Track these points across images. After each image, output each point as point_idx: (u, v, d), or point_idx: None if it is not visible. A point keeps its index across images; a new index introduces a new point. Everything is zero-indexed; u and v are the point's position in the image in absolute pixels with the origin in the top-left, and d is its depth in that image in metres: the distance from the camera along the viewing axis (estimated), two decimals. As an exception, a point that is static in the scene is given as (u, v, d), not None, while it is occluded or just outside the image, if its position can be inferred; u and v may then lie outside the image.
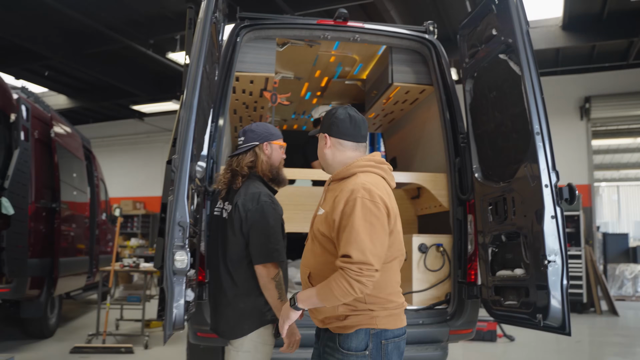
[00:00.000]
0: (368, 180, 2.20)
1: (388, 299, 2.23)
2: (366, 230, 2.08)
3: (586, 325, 9.18)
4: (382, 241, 2.13)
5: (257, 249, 2.74)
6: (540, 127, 3.19)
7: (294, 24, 4.13)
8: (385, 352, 2.19)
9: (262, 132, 2.97)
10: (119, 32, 9.78)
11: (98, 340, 6.59)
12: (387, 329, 2.20)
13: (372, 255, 2.05)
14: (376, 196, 2.13)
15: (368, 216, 2.09)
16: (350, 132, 2.34)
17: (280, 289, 2.73)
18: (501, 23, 3.53)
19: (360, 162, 2.29)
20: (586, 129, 11.94)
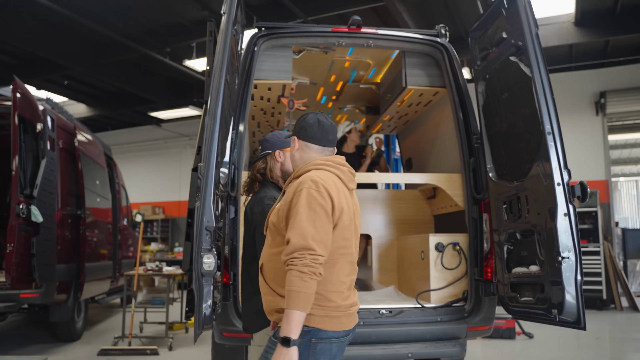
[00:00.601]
0: (318, 174, 2.28)
1: (326, 297, 2.21)
2: (309, 217, 2.15)
3: (606, 321, 9.17)
4: (326, 229, 2.17)
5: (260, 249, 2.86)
6: (551, 126, 3.29)
7: (309, 32, 4.25)
8: (313, 351, 2.18)
9: (275, 141, 3.21)
10: (136, 41, 10.00)
11: (124, 342, 6.77)
12: (320, 329, 2.19)
13: (313, 240, 2.11)
14: (321, 187, 2.21)
15: (312, 204, 2.17)
16: (317, 136, 2.44)
17: None
18: (511, 26, 3.63)
19: (317, 161, 2.39)
20: (602, 124, 11.89)
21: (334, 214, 2.22)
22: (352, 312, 2.30)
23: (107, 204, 8.68)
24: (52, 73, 11.76)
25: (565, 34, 10.03)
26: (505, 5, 3.67)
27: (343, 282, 2.28)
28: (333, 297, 2.23)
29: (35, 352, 6.49)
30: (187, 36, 9.96)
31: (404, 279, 4.88)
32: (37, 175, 5.93)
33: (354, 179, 2.44)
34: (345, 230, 2.28)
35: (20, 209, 5.51)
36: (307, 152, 2.45)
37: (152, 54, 10.39)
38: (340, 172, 2.37)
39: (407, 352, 3.70)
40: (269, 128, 5.82)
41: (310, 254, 2.10)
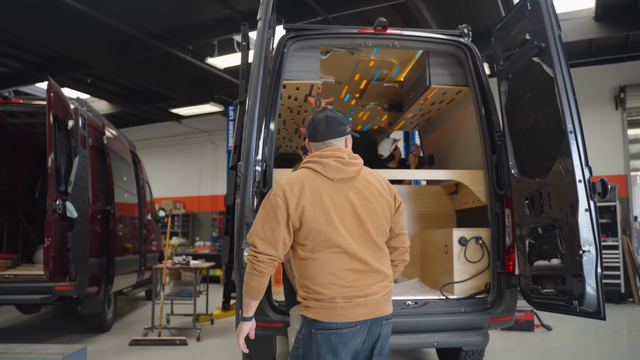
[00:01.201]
0: (288, 176, 2.40)
1: (317, 290, 2.28)
2: (261, 217, 2.33)
3: (624, 315, 9.23)
4: (273, 228, 2.27)
5: None
6: (573, 125, 3.42)
7: (336, 33, 4.40)
8: (315, 341, 2.27)
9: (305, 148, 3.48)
10: (159, 39, 10.22)
11: (153, 333, 7.01)
12: (317, 320, 2.27)
13: (258, 238, 2.29)
14: (279, 189, 2.32)
15: (266, 207, 2.33)
16: (310, 134, 2.54)
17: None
18: (534, 27, 3.75)
19: (306, 158, 2.48)
20: (622, 119, 11.87)
21: (290, 213, 2.28)
22: (356, 303, 2.27)
23: (133, 199, 8.93)
24: (76, 71, 12.04)
25: (585, 29, 10.05)
26: (529, 7, 3.79)
27: (333, 274, 2.28)
28: (324, 290, 2.26)
29: (69, 342, 6.76)
30: (209, 34, 10.16)
31: (428, 272, 5.03)
32: (71, 172, 6.17)
33: (343, 167, 2.36)
34: (318, 224, 2.28)
35: (57, 205, 5.75)
36: (312, 151, 2.54)
37: (174, 52, 10.61)
38: (320, 166, 2.36)
39: (433, 341, 3.86)
40: (294, 125, 5.99)
41: (253, 250, 2.29)
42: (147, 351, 6.34)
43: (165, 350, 6.40)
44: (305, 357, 2.28)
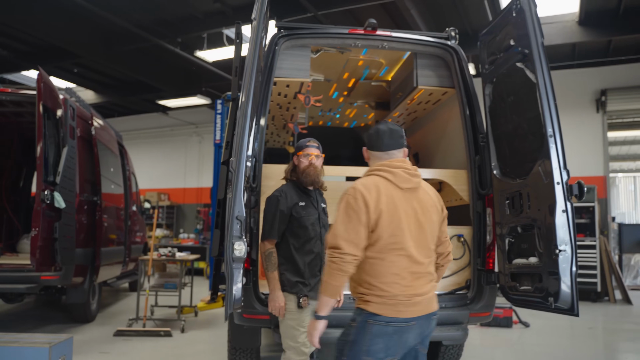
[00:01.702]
0: (362, 181, 2.58)
1: (381, 288, 2.47)
2: (343, 220, 2.48)
3: (600, 313, 9.49)
4: (357, 230, 2.45)
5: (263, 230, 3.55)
6: (553, 129, 3.56)
7: (327, 33, 4.49)
8: (369, 330, 2.46)
9: (296, 147, 3.75)
10: (148, 31, 10.21)
11: (138, 324, 7.07)
12: (376, 314, 2.46)
13: (342, 240, 2.43)
14: (358, 193, 2.49)
15: (347, 209, 2.49)
16: (374, 144, 2.71)
17: (267, 262, 3.47)
18: (518, 34, 3.88)
19: (373, 167, 2.67)
20: (602, 121, 12.14)
21: (371, 216, 2.46)
22: (415, 301, 2.49)
23: (119, 190, 8.95)
24: (64, 61, 11.98)
25: (569, 33, 10.26)
26: (514, 14, 3.92)
27: (398, 274, 2.48)
28: (388, 288, 2.47)
29: (54, 332, 6.79)
30: (199, 27, 10.17)
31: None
32: (59, 162, 6.19)
33: (410, 178, 2.60)
34: (391, 227, 2.49)
35: (45, 195, 5.78)
36: (372, 160, 2.72)
37: (163, 44, 10.60)
38: (392, 175, 2.57)
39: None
40: (282, 121, 6.07)
41: (338, 252, 2.43)
42: (132, 342, 6.41)
43: (150, 341, 6.47)
44: (355, 344, 2.49)
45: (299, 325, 3.44)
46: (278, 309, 3.40)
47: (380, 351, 2.47)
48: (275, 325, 3.70)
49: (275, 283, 3.43)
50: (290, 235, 3.53)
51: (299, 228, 3.53)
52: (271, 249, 3.45)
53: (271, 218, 3.47)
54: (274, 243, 3.49)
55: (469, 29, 10.07)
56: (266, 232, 3.48)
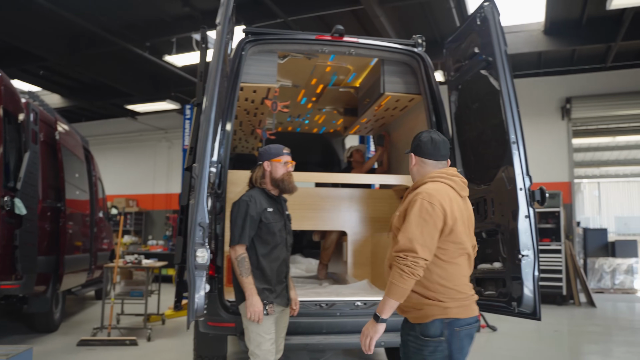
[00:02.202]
0: (433, 187, 2.58)
1: (457, 290, 2.54)
2: (418, 225, 2.45)
3: (565, 316, 9.66)
4: (432, 235, 2.46)
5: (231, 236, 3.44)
6: (516, 136, 3.62)
7: (294, 39, 4.49)
8: (459, 337, 2.50)
9: (263, 152, 3.63)
10: (116, 35, 10.05)
11: (103, 333, 6.91)
12: (458, 318, 2.50)
13: (418, 244, 2.42)
14: (434, 199, 2.50)
15: (423, 213, 2.47)
16: (431, 152, 2.71)
17: (242, 266, 3.35)
18: (483, 42, 3.94)
19: (432, 174, 2.67)
20: (567, 129, 12.41)
21: (447, 222, 2.51)
22: (475, 299, 2.64)
23: (85, 196, 8.76)
24: (29, 63, 11.70)
25: (534, 42, 10.48)
26: (478, 22, 3.98)
27: (465, 275, 2.62)
28: (462, 289, 2.56)
29: (13, 342, 6.59)
30: (167, 31, 10.05)
31: (377, 273, 5.16)
32: (21, 168, 6.02)
33: (465, 187, 2.74)
34: (461, 233, 2.57)
35: (5, 201, 5.61)
36: (423, 167, 2.73)
37: (131, 48, 10.45)
38: (453, 183, 2.65)
39: (380, 340, 3.96)
40: (250, 127, 6.04)
41: (413, 256, 2.41)
42: (96, 351, 6.25)
43: (115, 350, 6.32)
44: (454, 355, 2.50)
45: (265, 332, 3.40)
46: (257, 314, 3.32)
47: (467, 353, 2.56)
48: (240, 333, 3.65)
49: (252, 288, 3.34)
50: (258, 242, 3.47)
51: (267, 234, 3.49)
52: (243, 254, 3.37)
53: (241, 223, 3.40)
54: (244, 248, 3.41)
55: (437, 36, 10.20)
56: (237, 237, 3.39)
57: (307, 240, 7.32)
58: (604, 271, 13.79)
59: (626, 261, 13.67)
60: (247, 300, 3.32)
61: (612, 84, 12.07)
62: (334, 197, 5.45)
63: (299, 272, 6.74)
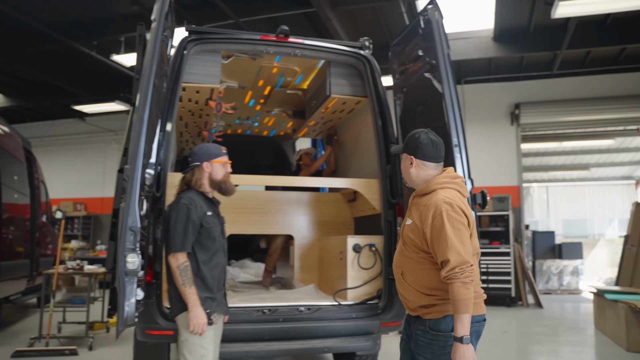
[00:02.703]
0: (446, 195, 2.61)
1: (475, 290, 2.58)
2: (456, 236, 2.50)
3: (513, 317, 9.85)
4: (469, 241, 2.56)
5: (167, 242, 3.20)
6: (458, 139, 3.62)
7: (238, 39, 4.39)
8: (473, 336, 2.56)
9: (202, 153, 3.39)
10: (61, 32, 9.67)
11: (41, 343, 6.58)
12: (474, 315, 2.55)
13: (466, 254, 2.49)
14: (456, 207, 2.56)
15: (455, 224, 2.52)
16: (433, 155, 2.74)
17: (185, 276, 3.11)
18: (426, 45, 3.94)
19: (438, 180, 2.70)
20: (516, 134, 12.69)
21: (470, 225, 2.61)
22: (484, 298, 2.74)
23: (25, 199, 8.39)
24: (-33, 60, 11.16)
25: (484, 48, 10.67)
26: (422, 25, 3.98)
27: (479, 274, 2.70)
28: (477, 289, 2.63)
29: (-58, 354, 6.23)
30: (115, 30, 9.75)
31: (324, 278, 5.11)
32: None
33: (466, 188, 2.82)
34: (472, 235, 2.65)
35: None
36: (424, 170, 2.75)
37: (77, 46, 10.08)
38: (458, 186, 2.72)
39: (324, 346, 3.93)
40: (196, 129, 5.89)
41: (468, 266, 2.47)
42: (32, 362, 5.97)
43: (52, 361, 6.05)
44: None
45: (207, 344, 3.19)
46: (201, 327, 3.09)
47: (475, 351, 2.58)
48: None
49: (195, 299, 3.10)
50: (198, 248, 3.24)
51: (208, 240, 3.28)
52: (186, 262, 3.13)
53: (183, 228, 3.17)
54: (186, 255, 3.17)
55: (390, 40, 10.22)
56: (179, 244, 3.13)
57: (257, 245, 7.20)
58: (551, 273, 14.18)
59: (572, 263, 14.10)
60: (191, 311, 3.08)
61: (559, 90, 12.43)
62: (281, 200, 5.37)
63: (248, 277, 6.62)
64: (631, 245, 9.58)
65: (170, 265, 3.13)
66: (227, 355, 3.72)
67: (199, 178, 3.37)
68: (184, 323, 3.15)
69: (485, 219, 11.45)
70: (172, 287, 3.20)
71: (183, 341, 3.17)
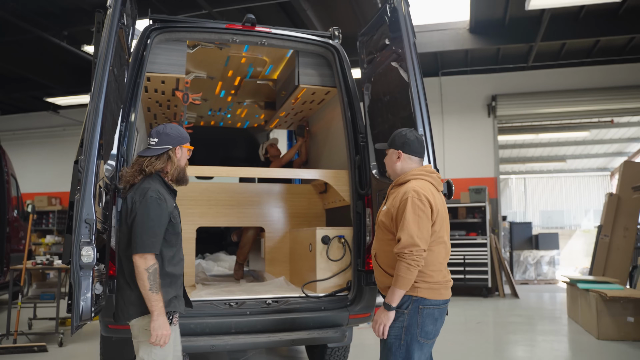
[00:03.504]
0: (418, 184, 2.89)
1: (429, 274, 2.85)
2: (414, 221, 2.76)
3: (490, 308, 9.92)
4: (427, 228, 2.80)
5: (135, 240, 2.84)
6: (424, 129, 3.58)
7: (203, 27, 4.29)
8: (420, 315, 2.84)
9: (176, 135, 3.06)
10: (29, 22, 9.42)
11: (9, 340, 6.45)
12: (425, 298, 2.84)
13: (418, 238, 2.74)
14: (422, 196, 2.81)
15: (416, 210, 2.78)
16: (419, 150, 3.07)
17: (153, 280, 2.81)
18: (392, 34, 3.90)
19: (414, 172, 2.99)
20: (493, 126, 12.73)
21: (433, 214, 2.84)
22: (448, 285, 2.96)
23: (-7, 194, 8.20)
24: None
25: (461, 40, 10.66)
26: (389, 14, 3.93)
27: (441, 262, 2.91)
28: (434, 275, 2.87)
29: None
30: (86, 20, 9.50)
31: (295, 270, 5.07)
32: None
33: (441, 183, 3.09)
34: (440, 225, 2.89)
35: None
36: (408, 164, 3.05)
37: (47, 37, 9.84)
38: (432, 179, 2.98)
39: (291, 339, 3.88)
40: (165, 120, 5.78)
41: (417, 249, 2.73)
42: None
43: (21, 358, 5.92)
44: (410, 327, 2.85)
45: (169, 346, 2.96)
46: (164, 339, 2.82)
47: (430, 332, 2.88)
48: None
49: (161, 307, 2.82)
50: (163, 245, 2.94)
51: (172, 235, 3.01)
52: (155, 264, 2.82)
53: (153, 226, 2.85)
54: (154, 257, 2.84)
55: (366, 32, 10.20)
56: (149, 245, 2.81)
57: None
58: (528, 263, 14.33)
59: (548, 253, 14.26)
60: (155, 321, 2.80)
61: (535, 82, 12.50)
62: (252, 192, 5.31)
63: (222, 270, 6.55)
64: (604, 235, 9.71)
65: (137, 267, 2.80)
66: (194, 349, 3.66)
67: (170, 164, 3.04)
68: (142, 327, 2.92)
69: (462, 210, 11.50)
70: (131, 288, 2.94)
71: (141, 342, 2.94)
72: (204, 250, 7.22)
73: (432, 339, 2.94)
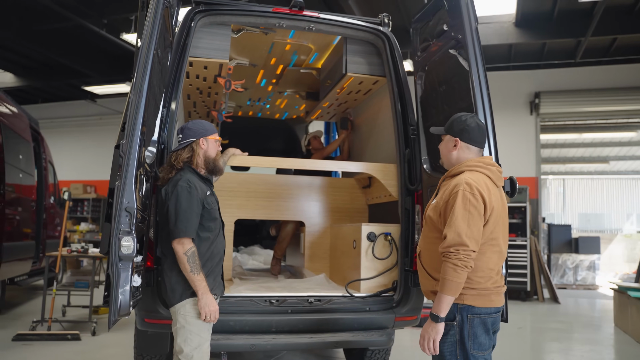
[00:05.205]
0: (471, 177, 2.56)
1: (476, 280, 2.54)
2: (463, 217, 2.45)
3: (529, 312, 9.57)
4: (478, 227, 2.48)
5: (171, 228, 2.98)
6: (485, 120, 3.31)
7: (249, 11, 4.09)
8: (471, 325, 2.54)
9: (197, 129, 3.22)
10: (71, 10, 9.45)
11: (43, 327, 6.42)
12: (473, 306, 2.54)
13: (466, 237, 2.42)
14: (475, 189, 2.50)
15: (467, 205, 2.47)
16: (478, 139, 2.72)
17: (193, 262, 2.94)
18: (452, 19, 3.63)
19: (470, 162, 2.66)
20: (535, 124, 12.33)
21: (486, 212, 2.52)
22: (500, 291, 2.65)
23: (31, 180, 8.22)
24: (-23, 38, 10.99)
25: (505, 34, 10.29)
26: (447, -3, 3.66)
27: (491, 269, 2.59)
28: (482, 281, 2.55)
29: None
30: (125, 9, 9.51)
31: (336, 267, 4.86)
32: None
33: (501, 177, 2.72)
34: (495, 225, 2.57)
35: None
36: (466, 153, 2.71)
37: (87, 25, 9.86)
38: (490, 172, 2.64)
39: (335, 340, 3.68)
40: (205, 108, 5.63)
41: (464, 249, 2.42)
42: (31, 347, 5.78)
43: (53, 345, 5.87)
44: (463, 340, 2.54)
45: (205, 331, 3.04)
46: (213, 314, 2.97)
47: (484, 344, 2.57)
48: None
49: (205, 286, 2.96)
50: (201, 230, 3.08)
51: (210, 221, 3.13)
52: (193, 247, 2.97)
53: (187, 212, 2.98)
54: (192, 241, 2.99)
55: (407, 23, 9.89)
56: (184, 230, 2.94)
57: (267, 231, 6.97)
58: (567, 267, 13.84)
59: (589, 257, 13.74)
60: (201, 299, 2.94)
61: (581, 80, 12.02)
62: (292, 185, 5.11)
63: (256, 264, 6.40)
64: (654, 240, 9.22)
65: (176, 252, 2.94)
66: (232, 348, 3.50)
67: (196, 155, 3.19)
68: (185, 311, 3.00)
69: (502, 211, 11.13)
70: (174, 274, 3.03)
71: (179, 329, 3.02)
72: (239, 243, 7.08)
73: (487, 349, 2.62)
